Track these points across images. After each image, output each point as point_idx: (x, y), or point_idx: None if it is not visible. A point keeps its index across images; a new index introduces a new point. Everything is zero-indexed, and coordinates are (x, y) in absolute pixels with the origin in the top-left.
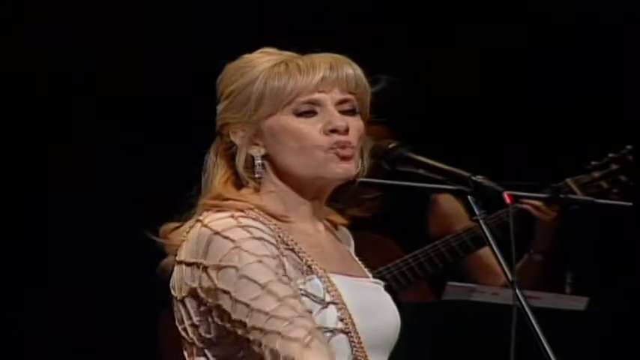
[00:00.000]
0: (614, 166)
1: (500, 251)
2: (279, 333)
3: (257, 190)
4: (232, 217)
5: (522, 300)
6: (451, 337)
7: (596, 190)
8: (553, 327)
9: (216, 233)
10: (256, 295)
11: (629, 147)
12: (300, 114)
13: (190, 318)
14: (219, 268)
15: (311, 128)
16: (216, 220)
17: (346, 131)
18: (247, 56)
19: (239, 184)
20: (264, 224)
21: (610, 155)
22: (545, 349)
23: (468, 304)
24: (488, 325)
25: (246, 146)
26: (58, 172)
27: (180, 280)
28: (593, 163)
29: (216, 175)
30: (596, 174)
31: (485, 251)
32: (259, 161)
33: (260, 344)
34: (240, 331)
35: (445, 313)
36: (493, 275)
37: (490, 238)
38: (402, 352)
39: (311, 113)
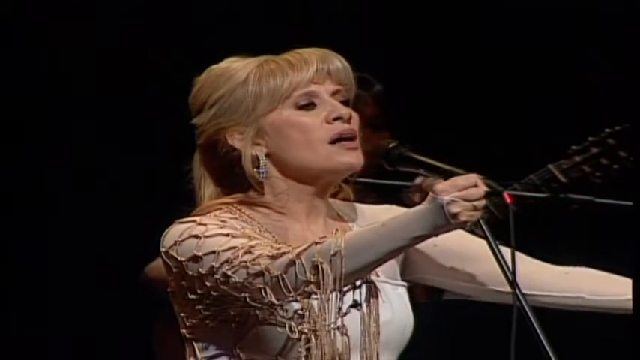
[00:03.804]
0: (594, 150)
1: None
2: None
3: (259, 191)
4: (194, 221)
5: (522, 300)
6: (451, 337)
7: (578, 174)
8: (553, 327)
9: (171, 225)
10: (224, 241)
11: (607, 130)
12: (300, 107)
13: (179, 312)
14: (177, 243)
15: (314, 120)
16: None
17: (349, 119)
18: (220, 65)
19: (227, 194)
20: (235, 218)
21: (590, 139)
22: (546, 349)
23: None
24: (488, 325)
25: (249, 147)
26: (58, 172)
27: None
28: (573, 147)
29: (205, 192)
30: (578, 158)
31: None
32: (263, 160)
33: (227, 276)
34: (209, 283)
35: (445, 313)
36: None
37: (490, 237)
38: (402, 352)
39: (311, 105)
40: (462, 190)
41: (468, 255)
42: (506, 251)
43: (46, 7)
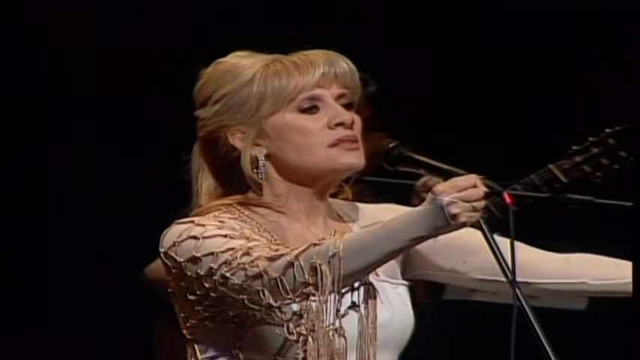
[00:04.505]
0: (595, 150)
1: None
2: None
3: (258, 192)
4: (192, 222)
5: (522, 300)
6: (451, 337)
7: (579, 174)
8: (553, 326)
9: (170, 225)
10: (222, 242)
11: (608, 130)
12: (303, 110)
13: (179, 313)
14: (176, 244)
15: (316, 124)
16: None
17: (352, 124)
18: (227, 60)
19: (226, 191)
20: (235, 219)
21: (590, 139)
22: (546, 349)
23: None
24: (488, 325)
25: (249, 148)
26: (58, 172)
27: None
28: (574, 147)
29: (203, 184)
30: (578, 158)
31: None
32: (262, 161)
33: (226, 278)
34: (208, 285)
35: (445, 313)
36: None
37: (490, 237)
38: (402, 352)
39: (314, 109)
40: (462, 190)
41: (469, 248)
42: (505, 242)
43: (46, 7)
